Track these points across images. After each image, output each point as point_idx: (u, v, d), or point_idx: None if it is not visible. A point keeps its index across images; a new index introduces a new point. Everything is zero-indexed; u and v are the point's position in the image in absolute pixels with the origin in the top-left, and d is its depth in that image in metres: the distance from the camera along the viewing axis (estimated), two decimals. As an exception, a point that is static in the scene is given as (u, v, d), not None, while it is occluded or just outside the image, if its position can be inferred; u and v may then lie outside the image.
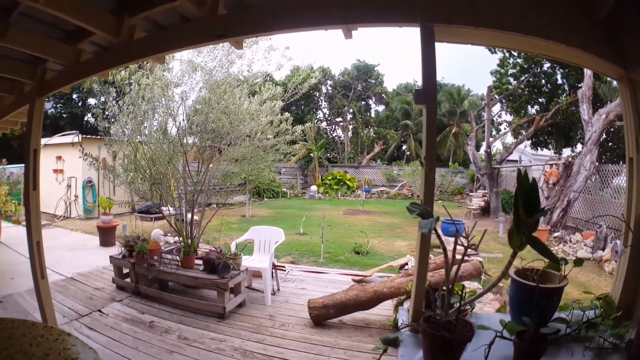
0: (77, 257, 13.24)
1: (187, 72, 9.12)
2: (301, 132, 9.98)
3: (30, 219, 6.80)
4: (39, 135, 7.04)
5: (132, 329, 7.35)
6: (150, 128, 9.82)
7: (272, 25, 4.32)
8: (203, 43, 5.54)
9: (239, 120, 8.98)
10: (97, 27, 4.95)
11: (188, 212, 9.49)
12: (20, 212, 21.72)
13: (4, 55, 6.44)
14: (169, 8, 4.51)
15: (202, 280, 7.98)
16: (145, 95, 9.33)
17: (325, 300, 7.21)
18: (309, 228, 17.71)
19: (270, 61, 8.98)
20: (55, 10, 4.39)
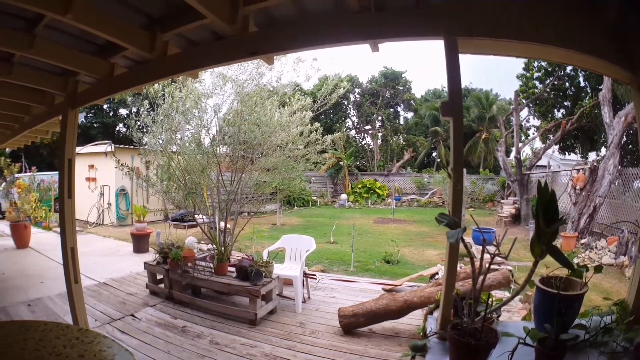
0: (110, 262, 13.48)
1: (218, 85, 9.29)
2: (331, 141, 10.02)
3: (65, 226, 7.05)
4: (73, 145, 7.24)
5: (164, 333, 7.51)
6: (183, 139, 9.99)
7: (302, 42, 4.49)
8: (236, 60, 5.70)
9: (270, 131, 9.08)
10: (129, 42, 5.10)
11: (221, 220, 9.61)
12: (50, 218, 22.11)
13: (31, 66, 6.63)
14: (200, 25, 4.68)
15: (235, 287, 8.11)
16: (178, 108, 9.53)
17: (356, 309, 7.21)
18: (339, 237, 17.67)
19: (299, 73, 9.07)
20: (83, 25, 4.54)
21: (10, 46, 5.35)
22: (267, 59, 5.26)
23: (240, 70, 8.95)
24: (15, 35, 5.21)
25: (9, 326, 3.65)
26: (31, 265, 13.33)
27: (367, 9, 3.92)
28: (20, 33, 5.20)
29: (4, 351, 2.91)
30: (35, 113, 9.40)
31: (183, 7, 4.44)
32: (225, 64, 6.64)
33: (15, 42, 5.26)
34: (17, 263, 13.75)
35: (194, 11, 4.23)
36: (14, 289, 10.40)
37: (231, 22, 4.38)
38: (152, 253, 12.73)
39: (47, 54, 5.57)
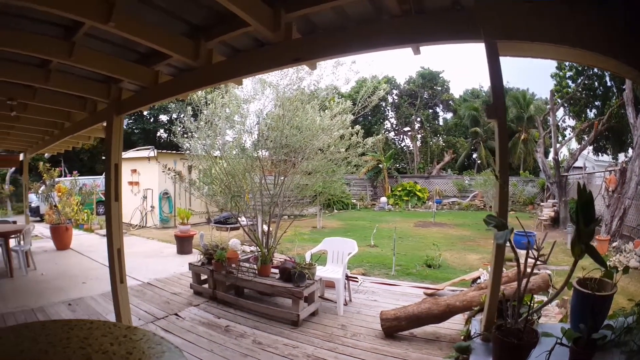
0: (154, 263, 13.79)
1: (259, 90, 9.44)
2: (371, 144, 10.00)
3: (112, 228, 7.20)
4: (119, 150, 7.43)
5: (208, 332, 7.66)
6: (225, 143, 10.13)
7: (345, 47, 4.58)
8: (280, 66, 5.81)
9: (312, 135, 9.19)
10: (173, 50, 5.27)
11: (263, 223, 9.71)
12: (92, 220, 22.57)
13: (70, 73, 6.82)
14: (243, 32, 4.81)
15: (278, 288, 8.22)
16: (221, 113, 9.75)
17: (398, 312, 7.19)
18: (379, 240, 17.57)
19: (338, 76, 9.11)
20: (126, 33, 4.71)
21: (47, 53, 5.51)
22: (310, 65, 5.34)
23: (280, 75, 9.05)
24: (53, 43, 5.36)
25: (52, 325, 3.77)
26: (73, 266, 13.67)
27: (407, 12, 4.01)
28: (57, 40, 5.35)
29: (45, 349, 3.06)
30: (77, 119, 9.66)
31: (225, 16, 4.63)
32: (269, 71, 6.65)
33: (52, 49, 5.42)
34: (57, 264, 14.07)
35: (237, 19, 4.38)
36: (53, 289, 10.66)
37: (274, 29, 4.50)
38: (195, 254, 12.90)
39: (87, 61, 5.75)
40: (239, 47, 5.57)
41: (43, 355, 2.96)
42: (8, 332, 3.69)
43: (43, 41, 5.32)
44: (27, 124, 10.53)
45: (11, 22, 4.93)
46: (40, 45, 5.32)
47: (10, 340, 3.32)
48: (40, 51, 5.45)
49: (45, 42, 5.33)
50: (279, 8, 4.45)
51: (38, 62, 6.40)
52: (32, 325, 3.85)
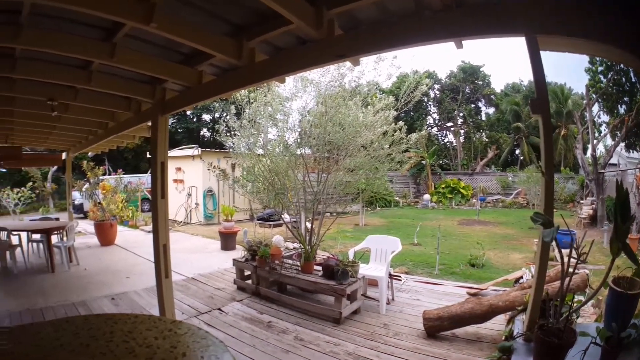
0: (198, 259, 14.00)
1: (301, 88, 9.46)
2: (414, 140, 9.84)
3: (158, 224, 7.34)
4: (164, 149, 7.54)
5: (250, 328, 7.74)
6: (268, 141, 10.17)
7: (387, 43, 4.52)
8: (324, 63, 5.73)
9: (355, 132, 9.13)
10: (216, 50, 5.32)
11: (306, 220, 9.75)
12: (137, 217, 23.02)
13: (113, 74, 6.94)
14: (286, 31, 4.83)
15: (321, 286, 8.24)
16: (264, 111, 9.79)
17: (440, 312, 7.13)
18: (422, 238, 17.42)
19: (380, 72, 9.05)
20: (167, 33, 4.78)
21: (89, 54, 5.63)
22: (353, 61, 5.30)
23: (321, 72, 9.08)
24: (93, 44, 5.47)
25: (95, 319, 3.96)
26: (117, 262, 13.96)
27: (448, 6, 3.97)
28: (98, 42, 5.46)
29: (86, 343, 3.10)
30: (121, 119, 9.81)
31: (267, 15, 4.69)
32: (312, 68, 6.63)
33: (93, 51, 5.53)
34: (101, 259, 14.41)
35: (279, 18, 4.43)
36: (96, 284, 10.91)
37: (317, 26, 4.50)
38: (239, 250, 13.12)
39: (129, 62, 5.88)
40: (281, 45, 5.59)
41: (84, 349, 3.01)
42: (47, 326, 3.69)
43: (83, 43, 5.43)
44: (70, 123, 10.73)
45: (52, 24, 5.04)
46: (81, 46, 5.43)
47: (49, 334, 3.34)
48: (82, 52, 5.57)
49: (85, 43, 5.45)
50: (320, 5, 4.45)
51: (79, 64, 6.52)
52: (73, 319, 3.86)
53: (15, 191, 25.22)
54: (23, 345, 3.14)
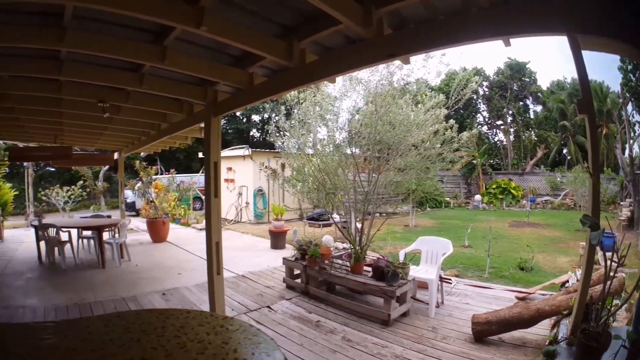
0: (249, 257, 14.14)
1: (350, 87, 9.43)
2: (465, 139, 9.67)
3: (211, 222, 7.49)
4: (217, 149, 7.65)
5: (299, 327, 7.76)
6: (317, 141, 10.21)
7: (438, 41, 4.47)
8: (375, 63, 5.64)
9: (405, 131, 9.01)
10: (267, 51, 5.35)
11: (357, 220, 9.73)
12: (189, 215, 23.38)
13: (163, 77, 7.08)
14: (334, 31, 4.82)
15: (370, 287, 8.15)
16: (313, 111, 9.79)
17: (489, 317, 7.03)
18: (473, 240, 17.13)
19: (429, 69, 8.97)
20: (218, 36, 4.81)
21: (141, 58, 5.76)
22: (403, 60, 5.33)
23: (369, 71, 9.02)
24: (144, 48, 5.58)
25: (146, 314, 3.85)
26: (168, 258, 14.21)
27: (495, 4, 3.94)
28: (149, 45, 5.55)
29: (137, 338, 3.09)
30: (174, 120, 9.98)
31: (316, 15, 4.72)
32: (363, 68, 6.57)
33: (145, 54, 5.64)
34: (152, 256, 14.72)
35: (327, 18, 4.44)
36: (148, 280, 11.13)
37: (366, 25, 4.48)
38: (288, 249, 13.13)
39: (180, 65, 5.97)
40: (330, 45, 5.61)
41: (135, 344, 3.01)
42: (97, 321, 3.74)
43: (134, 46, 5.56)
44: (122, 124, 10.99)
45: (100, 27, 5.16)
46: (131, 50, 5.56)
47: (98, 329, 3.38)
48: (133, 56, 5.68)
49: (136, 47, 5.58)
50: (368, 4, 4.43)
51: (130, 66, 6.67)
52: (124, 314, 3.89)
53: (65, 189, 25.91)
54: (69, 340, 3.16)
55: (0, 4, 4.54)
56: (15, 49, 5.78)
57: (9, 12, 4.76)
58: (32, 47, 5.59)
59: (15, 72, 6.70)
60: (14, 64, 6.23)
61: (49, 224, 12.80)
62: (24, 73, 6.73)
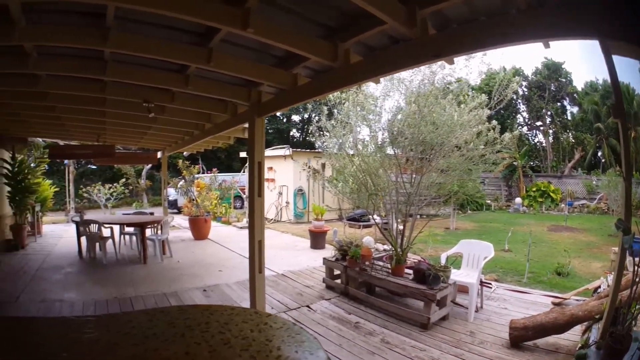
0: (288, 256, 14.17)
1: (393, 87, 9.34)
2: (508, 140, 9.37)
3: (254, 221, 7.55)
4: (261, 149, 7.70)
5: (337, 327, 7.74)
6: (363, 141, 10.10)
7: (481, 42, 4.36)
8: (419, 63, 5.66)
9: (449, 131, 8.85)
10: (312, 52, 5.32)
11: (398, 222, 9.67)
12: (230, 214, 23.71)
13: (208, 78, 7.14)
14: (378, 31, 4.75)
15: (411, 289, 8.04)
16: (355, 112, 9.71)
17: (527, 322, 6.93)
18: (513, 244, 16.80)
19: (471, 69, 8.88)
20: (264, 38, 4.82)
21: (187, 59, 5.83)
22: (448, 60, 5.21)
23: (411, 71, 8.90)
24: (190, 49, 5.63)
25: (191, 310, 3.99)
26: (209, 255, 14.38)
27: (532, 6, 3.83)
28: (195, 47, 5.59)
29: (181, 333, 3.19)
30: (218, 121, 10.06)
31: (360, 16, 4.72)
32: (408, 68, 6.49)
33: (191, 56, 5.70)
34: (194, 253, 14.90)
35: (371, 18, 4.47)
36: (189, 276, 11.27)
37: (411, 25, 4.40)
38: (328, 249, 13.18)
39: (226, 66, 6.01)
40: (373, 45, 5.50)
41: (178, 339, 3.08)
42: (141, 315, 3.82)
43: (181, 48, 5.63)
44: (166, 124, 11.09)
45: (146, 29, 5.22)
46: (179, 51, 5.65)
47: (142, 323, 3.42)
48: (180, 57, 5.79)
49: (182, 49, 5.64)
50: (412, 4, 4.34)
51: (175, 67, 6.75)
52: (168, 309, 3.98)
53: (107, 187, 26.61)
54: (111, 334, 3.21)
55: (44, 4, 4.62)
56: (56, 48, 5.87)
57: (52, 12, 4.83)
58: (75, 47, 5.68)
59: (57, 72, 6.77)
60: (56, 63, 6.33)
61: (91, 220, 13.06)
62: (66, 72, 6.81)
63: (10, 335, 3.27)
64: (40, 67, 6.24)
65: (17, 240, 15.11)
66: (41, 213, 19.18)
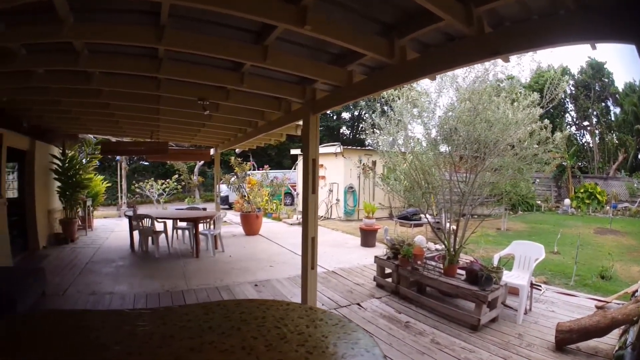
0: (339, 253, 14.10)
1: (446, 84, 9.25)
2: (559, 139, 9.15)
3: (308, 218, 7.62)
4: (316, 147, 7.74)
5: (387, 326, 7.64)
6: (412, 139, 10.00)
7: (536, 41, 4.28)
8: (478, 61, 5.54)
9: (502, 129, 8.67)
10: (368, 49, 5.28)
11: (452, 221, 9.56)
12: (280, 210, 24.01)
13: (265, 76, 7.16)
14: (434, 28, 4.71)
15: (463, 290, 7.87)
16: (408, 108, 9.61)
17: (572, 325, 6.81)
18: (561, 247, 16.41)
19: (523, 67, 8.77)
20: (321, 35, 4.80)
21: (243, 57, 5.90)
22: (504, 59, 5.09)
23: (464, 68, 8.75)
24: (246, 47, 5.70)
25: (247, 304, 4.05)
26: (260, 251, 14.45)
27: (582, 7, 3.76)
28: (251, 45, 5.65)
29: (238, 327, 3.24)
30: (271, 118, 10.16)
31: (414, 12, 4.76)
32: (466, 66, 6.59)
33: (247, 53, 5.76)
34: (245, 248, 15.03)
35: (427, 15, 4.42)
36: (240, 270, 11.38)
37: (468, 23, 4.34)
38: (378, 248, 13.15)
39: (281, 64, 6.05)
40: (428, 41, 5.43)
41: (235, 332, 3.12)
42: (197, 309, 3.89)
43: (237, 46, 5.68)
44: (219, 122, 11.25)
45: (201, 27, 5.27)
46: (235, 49, 5.70)
47: (198, 316, 3.52)
48: (236, 55, 5.83)
49: (238, 46, 5.70)
50: (468, 2, 4.29)
51: (229, 65, 6.79)
52: (225, 302, 3.97)
53: (160, 182, 27.24)
54: (167, 326, 3.30)
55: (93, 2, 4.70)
56: (108, 45, 5.99)
57: (103, 11, 4.91)
58: (127, 45, 5.82)
59: (110, 69, 6.88)
60: (109, 61, 6.45)
61: (144, 215, 13.31)
62: (120, 70, 6.88)
63: (62, 328, 3.34)
64: (91, 64, 6.37)
65: (67, 234, 15.47)
66: (92, 207, 19.67)
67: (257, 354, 2.80)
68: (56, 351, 2.91)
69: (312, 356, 2.81)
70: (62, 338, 3.14)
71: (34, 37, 5.28)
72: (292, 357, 2.79)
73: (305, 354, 2.80)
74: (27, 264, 11.87)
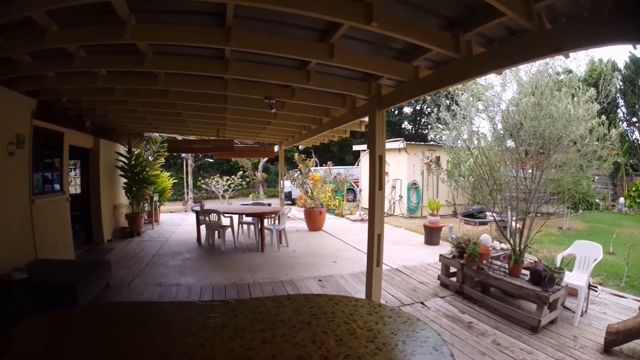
0: (402, 251, 13.96)
1: (509, 78, 9.15)
2: (615, 136, 8.95)
3: (375, 214, 7.57)
4: (382, 143, 7.68)
5: (450, 326, 7.54)
6: (478, 134, 9.91)
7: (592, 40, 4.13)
8: (542, 56, 5.21)
9: (565, 124, 8.44)
10: (434, 44, 5.25)
11: (517, 220, 9.40)
12: (343, 206, 24.02)
13: (330, 74, 7.20)
14: (497, 23, 4.69)
15: (526, 291, 7.70)
16: (473, 103, 9.57)
17: (619, 327, 6.67)
18: (615, 247, 15.88)
19: (579, 62, 8.63)
20: (387, 31, 4.82)
21: (309, 55, 5.93)
22: (565, 54, 5.05)
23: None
24: (313, 46, 5.75)
25: (316, 299, 4.02)
26: (324, 247, 14.46)
27: (622, 6, 3.73)
28: (317, 43, 5.71)
29: (308, 321, 3.30)
30: (336, 115, 10.18)
31: (476, 7, 4.75)
32: (530, 61, 6.50)
33: (314, 52, 5.80)
34: (309, 243, 15.04)
35: (488, 9, 4.41)
36: (304, 265, 11.47)
37: (529, 18, 4.31)
38: (442, 246, 13.15)
39: (347, 60, 6.04)
40: (492, 36, 5.37)
41: (305, 326, 3.18)
42: (268, 302, 3.97)
43: (303, 44, 5.73)
44: (284, 119, 11.38)
45: (265, 27, 5.37)
46: (301, 48, 5.75)
47: (270, 309, 3.61)
48: (303, 54, 5.89)
49: (305, 45, 5.76)
50: None
51: (295, 64, 6.86)
52: (295, 297, 4.05)
53: (225, 179, 27.84)
54: (239, 318, 3.40)
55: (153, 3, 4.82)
56: (172, 47, 6.19)
57: (166, 12, 5.03)
58: (191, 46, 5.99)
59: (176, 70, 7.01)
60: (174, 61, 6.64)
61: (211, 210, 13.72)
62: (186, 71, 7.05)
63: (131, 321, 3.47)
64: (157, 65, 6.54)
65: (133, 227, 16.01)
66: (159, 203, 20.22)
67: (328, 348, 2.85)
68: (123, 341, 3.04)
69: (382, 353, 2.84)
70: (132, 328, 3.29)
71: (94, 39, 5.46)
72: (361, 352, 2.80)
73: (375, 350, 2.82)
74: (91, 256, 12.27)
